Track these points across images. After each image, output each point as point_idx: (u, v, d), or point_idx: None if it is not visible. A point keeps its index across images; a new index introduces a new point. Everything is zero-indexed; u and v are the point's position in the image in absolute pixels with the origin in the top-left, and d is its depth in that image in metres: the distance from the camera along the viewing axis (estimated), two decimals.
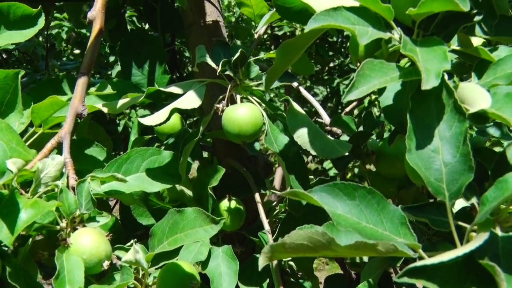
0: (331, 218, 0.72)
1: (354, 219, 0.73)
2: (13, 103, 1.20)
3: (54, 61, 3.47)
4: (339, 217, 0.72)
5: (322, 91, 5.65)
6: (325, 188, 0.75)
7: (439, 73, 0.72)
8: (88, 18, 1.16)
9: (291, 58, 0.96)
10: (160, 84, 1.59)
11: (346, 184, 0.75)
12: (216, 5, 1.54)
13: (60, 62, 3.43)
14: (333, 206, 0.74)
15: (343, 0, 0.82)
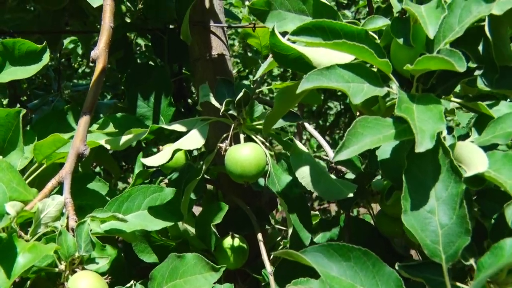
0: (324, 280, 0.71)
1: (348, 282, 0.72)
2: (15, 141, 1.21)
3: (66, 82, 3.50)
4: (333, 280, 0.71)
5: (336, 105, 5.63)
6: (319, 248, 0.74)
7: (433, 135, 0.71)
8: (91, 57, 1.16)
9: (290, 104, 0.95)
10: (165, 116, 1.59)
11: (341, 245, 0.74)
12: (222, 39, 1.55)
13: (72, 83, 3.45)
14: (327, 267, 0.73)
15: (339, 53, 0.81)
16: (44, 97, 3.20)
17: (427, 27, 0.75)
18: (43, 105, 3.01)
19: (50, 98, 2.90)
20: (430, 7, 0.79)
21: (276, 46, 0.89)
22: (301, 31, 0.81)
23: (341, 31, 0.81)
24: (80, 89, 3.04)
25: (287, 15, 0.94)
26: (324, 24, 0.80)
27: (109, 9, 1.16)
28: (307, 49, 0.85)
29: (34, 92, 3.71)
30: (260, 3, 0.95)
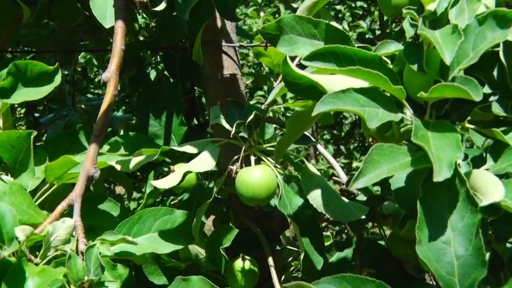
0: None
1: None
2: (26, 162, 1.21)
3: (80, 96, 3.51)
4: None
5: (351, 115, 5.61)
6: (333, 280, 0.73)
7: (451, 163, 0.69)
8: (102, 79, 1.16)
9: (302, 129, 0.94)
10: (176, 135, 1.59)
11: (355, 277, 0.73)
12: (233, 58, 1.54)
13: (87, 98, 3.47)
14: None
15: (353, 79, 0.80)
16: (58, 111, 3.22)
17: (444, 53, 0.74)
18: (57, 119, 3.03)
19: (64, 113, 2.92)
20: (445, 32, 0.77)
21: (288, 75, 0.88)
22: (314, 57, 0.80)
23: (354, 56, 0.80)
24: (94, 104, 3.06)
25: (298, 40, 0.93)
26: (337, 50, 0.79)
27: (120, 32, 1.15)
28: (320, 77, 0.84)
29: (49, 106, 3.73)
30: (271, 27, 0.94)
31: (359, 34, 5.04)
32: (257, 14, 4.81)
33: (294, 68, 0.87)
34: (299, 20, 0.93)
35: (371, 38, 4.99)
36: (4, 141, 1.19)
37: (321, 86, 0.84)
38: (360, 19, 5.15)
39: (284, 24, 0.94)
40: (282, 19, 0.94)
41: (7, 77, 1.28)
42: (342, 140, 5.58)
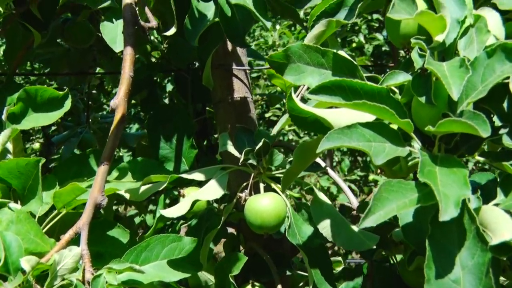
0: None
1: None
2: (34, 189, 1.21)
3: (95, 114, 3.53)
4: None
5: None
6: None
7: (458, 202, 0.68)
8: (111, 106, 1.15)
9: (309, 160, 0.93)
10: (187, 158, 1.58)
11: None
12: (244, 81, 1.54)
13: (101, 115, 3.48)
14: None
15: (359, 112, 0.79)
16: (72, 128, 3.24)
17: (451, 89, 0.72)
18: (72, 136, 3.04)
19: (79, 130, 2.93)
20: (453, 66, 0.76)
21: (294, 110, 0.87)
22: (320, 90, 0.79)
23: (361, 89, 0.78)
24: (108, 121, 3.07)
25: (305, 69, 0.92)
26: (343, 83, 0.78)
27: (129, 59, 1.15)
28: (326, 111, 0.83)
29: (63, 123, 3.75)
30: (278, 56, 0.93)
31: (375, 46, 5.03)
32: (272, 27, 4.80)
33: (299, 103, 0.86)
34: (306, 49, 0.92)
35: (387, 51, 4.97)
36: (13, 168, 1.19)
37: (326, 121, 0.83)
38: (376, 32, 5.13)
39: (291, 52, 0.93)
40: (289, 48, 0.93)
41: (18, 103, 1.29)
42: (358, 152, 5.53)
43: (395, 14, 0.80)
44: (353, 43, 4.93)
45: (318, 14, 0.97)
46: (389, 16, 0.80)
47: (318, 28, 0.95)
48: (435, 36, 0.82)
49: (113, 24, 1.33)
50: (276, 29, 4.85)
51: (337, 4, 0.95)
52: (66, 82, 3.13)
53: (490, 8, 0.87)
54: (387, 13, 0.81)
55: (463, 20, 0.84)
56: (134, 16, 1.17)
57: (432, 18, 0.79)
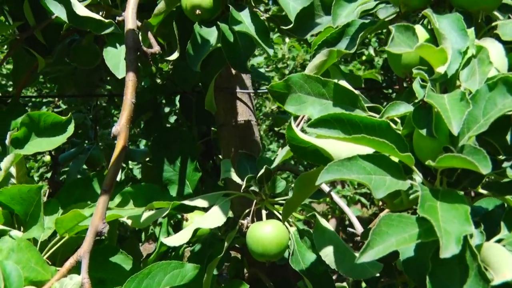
0: None
1: None
2: (36, 216, 1.21)
3: (103, 130, 3.54)
4: None
5: None
6: None
7: (459, 238, 0.67)
8: (112, 133, 1.15)
9: (310, 191, 0.92)
10: (191, 181, 1.57)
11: None
12: (248, 104, 1.53)
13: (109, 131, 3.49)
14: None
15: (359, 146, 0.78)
16: (80, 145, 3.24)
17: (451, 124, 0.71)
18: (80, 153, 3.05)
19: (87, 147, 2.94)
20: (454, 99, 0.75)
21: (293, 140, 0.87)
22: (319, 123, 0.78)
23: (360, 123, 0.77)
24: None
25: (307, 99, 0.91)
26: (343, 116, 0.78)
27: (131, 85, 1.15)
28: (326, 142, 0.82)
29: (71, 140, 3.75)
30: (279, 86, 0.92)
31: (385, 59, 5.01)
32: (282, 40, 4.80)
33: (299, 133, 0.86)
34: (307, 79, 0.91)
35: None
36: (15, 194, 1.19)
37: (326, 152, 0.82)
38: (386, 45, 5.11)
39: (292, 83, 0.92)
40: (290, 78, 0.92)
41: (21, 128, 1.29)
42: None
43: (395, 47, 0.79)
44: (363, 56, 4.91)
45: (319, 43, 0.96)
46: (389, 49, 0.79)
47: (319, 58, 0.94)
48: (436, 67, 0.81)
49: (116, 50, 1.34)
50: (286, 42, 4.84)
51: (338, 33, 0.95)
52: (73, 100, 3.14)
53: (493, 38, 0.86)
54: (387, 46, 0.80)
55: (465, 51, 0.83)
56: (136, 42, 1.17)
57: (433, 51, 0.79)
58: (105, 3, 1.40)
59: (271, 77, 4.92)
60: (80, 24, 1.22)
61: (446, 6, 0.93)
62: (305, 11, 1.04)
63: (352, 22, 0.95)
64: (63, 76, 2.35)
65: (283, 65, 4.88)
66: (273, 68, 4.97)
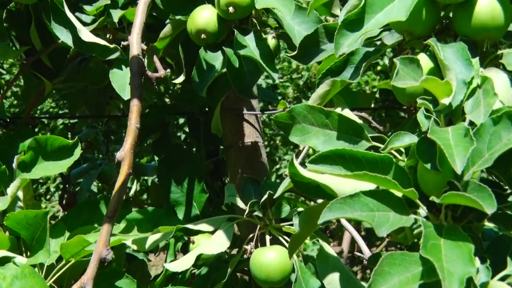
0: None
1: None
2: (42, 241, 1.21)
3: (114, 145, 3.54)
4: None
5: None
6: None
7: (462, 280, 0.65)
8: (116, 158, 1.15)
9: (315, 225, 0.90)
10: (198, 203, 1.57)
11: None
12: (255, 126, 1.53)
13: None
14: None
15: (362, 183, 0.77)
16: (92, 161, 3.24)
17: (455, 162, 0.70)
18: (91, 169, 3.05)
19: (99, 162, 2.94)
20: (458, 133, 0.74)
21: (296, 176, 0.86)
22: (320, 160, 0.77)
23: (362, 158, 0.76)
24: None
25: (310, 129, 0.90)
26: (344, 152, 0.76)
27: (135, 110, 1.15)
28: (329, 179, 0.81)
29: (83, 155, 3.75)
30: (284, 116, 0.92)
31: None
32: None
33: (301, 170, 0.85)
34: (310, 109, 0.91)
35: None
36: (21, 220, 1.20)
37: (329, 188, 0.81)
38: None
39: (296, 113, 0.91)
40: (294, 109, 0.92)
41: (28, 151, 1.29)
42: None
43: (399, 81, 0.78)
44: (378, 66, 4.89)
45: (323, 72, 0.95)
46: (393, 84, 0.78)
47: (323, 88, 0.93)
48: (441, 98, 0.80)
49: (122, 72, 1.34)
50: None
51: (342, 62, 0.94)
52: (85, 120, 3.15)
53: (498, 68, 0.85)
54: (391, 80, 0.79)
55: (470, 81, 0.82)
56: (141, 67, 1.17)
57: (437, 84, 0.77)
58: (112, 26, 1.40)
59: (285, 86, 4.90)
60: (86, 49, 1.22)
61: (451, 34, 0.92)
62: (309, 39, 1.03)
63: (356, 50, 0.94)
64: (75, 93, 2.36)
65: (298, 76, 4.87)
66: (287, 79, 4.95)
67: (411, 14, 0.85)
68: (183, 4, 1.27)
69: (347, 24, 0.86)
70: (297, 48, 1.04)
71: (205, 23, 1.22)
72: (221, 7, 1.19)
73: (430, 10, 0.88)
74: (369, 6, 0.85)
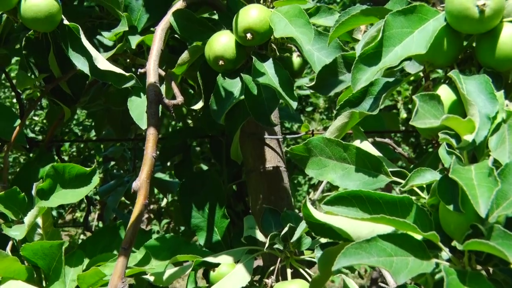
0: None
1: None
2: (58, 271, 1.20)
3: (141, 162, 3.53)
4: None
5: None
6: None
7: None
8: (132, 188, 1.13)
9: None
10: (219, 228, 1.54)
11: None
12: (276, 150, 1.50)
13: None
14: None
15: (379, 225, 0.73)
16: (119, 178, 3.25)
17: (478, 204, 0.66)
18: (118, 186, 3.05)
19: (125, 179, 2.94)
20: (482, 173, 0.70)
21: (310, 217, 0.82)
22: (336, 201, 0.74)
23: (380, 199, 0.73)
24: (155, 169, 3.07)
25: (328, 163, 0.87)
26: (361, 194, 0.73)
27: (152, 139, 1.13)
28: (344, 222, 0.78)
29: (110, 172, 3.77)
30: (300, 149, 0.89)
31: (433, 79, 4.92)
32: None
33: (314, 212, 0.81)
34: (328, 142, 0.88)
35: None
36: (38, 250, 1.19)
37: (343, 231, 0.77)
38: None
39: (312, 146, 0.88)
40: (310, 141, 0.89)
41: (46, 179, 1.29)
42: None
43: (419, 121, 0.75)
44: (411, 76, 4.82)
45: (342, 103, 0.92)
46: (413, 124, 0.74)
47: (340, 120, 0.90)
48: (463, 135, 0.76)
49: (140, 99, 1.32)
50: None
51: (361, 93, 0.90)
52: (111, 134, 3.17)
53: None
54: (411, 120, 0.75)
55: (494, 116, 0.78)
56: (158, 95, 1.15)
57: (459, 122, 0.73)
58: (131, 52, 1.39)
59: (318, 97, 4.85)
60: (102, 77, 1.21)
61: (475, 63, 0.88)
62: (328, 69, 1.00)
63: (375, 81, 0.91)
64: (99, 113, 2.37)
65: None
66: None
67: (431, 46, 0.81)
68: (201, 30, 1.25)
69: (364, 58, 0.83)
70: (315, 79, 1.01)
71: (223, 50, 1.20)
72: (239, 34, 1.17)
73: (451, 41, 0.84)
74: (386, 39, 0.82)
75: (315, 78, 1.02)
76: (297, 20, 1.10)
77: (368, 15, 0.92)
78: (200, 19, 1.27)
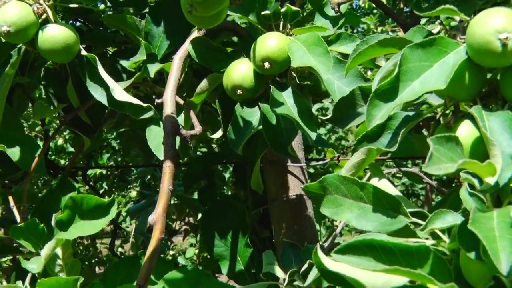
0: None
1: None
2: None
3: None
4: None
5: None
6: None
7: None
8: (148, 222, 1.10)
9: None
10: (242, 257, 1.51)
11: None
12: (300, 178, 1.46)
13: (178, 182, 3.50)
14: None
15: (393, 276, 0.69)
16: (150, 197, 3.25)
17: (499, 259, 0.60)
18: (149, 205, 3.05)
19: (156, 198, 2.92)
20: (505, 221, 0.64)
21: (321, 265, 0.78)
22: (348, 250, 0.69)
23: (395, 248, 0.68)
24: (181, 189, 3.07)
25: (343, 201, 0.83)
26: (374, 242, 0.69)
27: (168, 171, 1.10)
28: (358, 272, 0.73)
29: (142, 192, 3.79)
30: (315, 186, 0.85)
31: None
32: None
33: (325, 262, 0.77)
34: (343, 180, 0.83)
35: None
36: (53, 285, 1.17)
37: (357, 282, 0.73)
38: None
39: (327, 184, 0.84)
40: (325, 179, 0.85)
41: (64, 210, 1.28)
42: None
43: (433, 166, 0.69)
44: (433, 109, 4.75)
45: (359, 138, 0.88)
46: (426, 170, 0.70)
47: (358, 157, 0.86)
48: (485, 177, 0.71)
49: (159, 128, 1.30)
50: None
51: (379, 128, 0.86)
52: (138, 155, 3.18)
53: None
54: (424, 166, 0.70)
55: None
56: (175, 126, 1.13)
57: (478, 166, 0.69)
58: (150, 80, 1.37)
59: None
60: (119, 108, 1.20)
61: (499, 97, 0.83)
62: (345, 101, 0.96)
63: (394, 115, 0.86)
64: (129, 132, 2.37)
65: None
66: None
67: (452, 80, 0.76)
68: (219, 58, 1.23)
69: (380, 94, 0.79)
70: (333, 111, 0.98)
71: (241, 79, 1.17)
72: (257, 63, 1.14)
73: (473, 75, 0.79)
74: (403, 74, 0.77)
75: (332, 111, 0.98)
76: (316, 49, 1.06)
77: (385, 46, 0.88)
78: (219, 47, 1.25)
